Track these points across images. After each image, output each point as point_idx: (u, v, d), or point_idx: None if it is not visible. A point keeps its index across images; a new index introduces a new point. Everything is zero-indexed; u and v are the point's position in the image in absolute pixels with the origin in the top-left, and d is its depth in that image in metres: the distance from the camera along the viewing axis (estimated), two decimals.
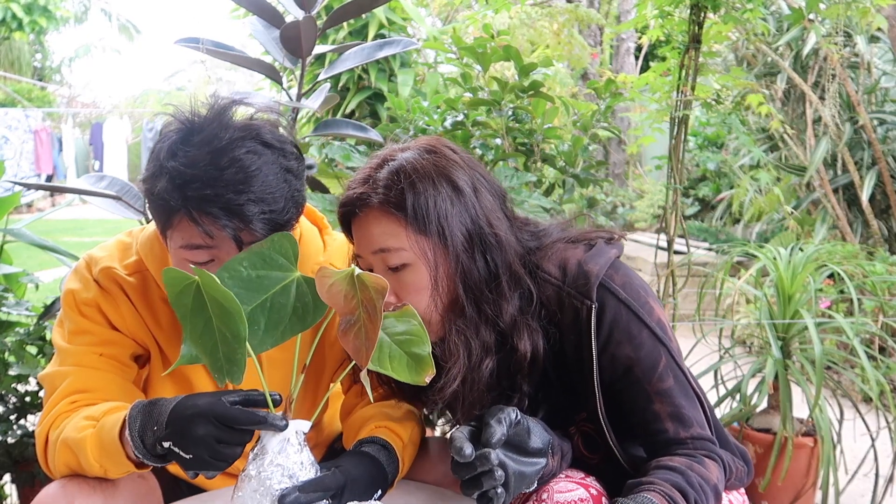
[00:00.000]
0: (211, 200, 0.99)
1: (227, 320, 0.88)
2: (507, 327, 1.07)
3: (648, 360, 1.07)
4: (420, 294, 1.05)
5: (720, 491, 1.07)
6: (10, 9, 16.20)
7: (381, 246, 1.05)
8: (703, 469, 1.06)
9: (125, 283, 1.20)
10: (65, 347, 1.19)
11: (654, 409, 1.08)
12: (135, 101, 19.08)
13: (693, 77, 2.63)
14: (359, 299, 0.90)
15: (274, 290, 0.95)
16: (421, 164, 1.06)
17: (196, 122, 1.04)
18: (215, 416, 0.94)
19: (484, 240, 1.06)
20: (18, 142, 13.84)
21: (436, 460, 1.27)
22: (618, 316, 1.07)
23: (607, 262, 1.09)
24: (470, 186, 1.07)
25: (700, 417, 1.11)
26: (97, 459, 1.07)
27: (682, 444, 1.09)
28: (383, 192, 1.04)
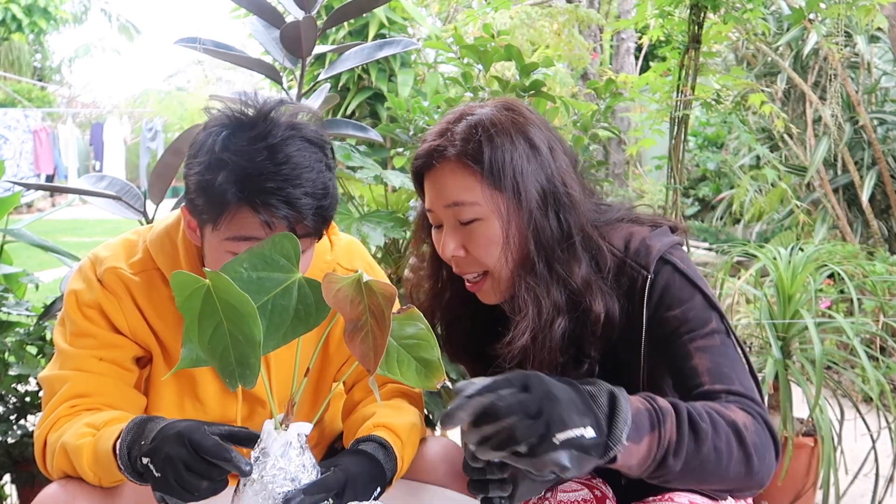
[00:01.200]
0: (272, 192, 1.02)
1: (240, 323, 0.86)
2: (579, 288, 1.05)
3: (696, 320, 1.03)
4: (490, 249, 1.05)
5: (745, 435, 0.92)
6: (9, 10, 16.20)
7: (455, 199, 1.05)
8: (722, 408, 0.95)
9: (131, 282, 1.19)
10: (65, 350, 1.18)
11: (694, 363, 1.01)
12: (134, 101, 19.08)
13: (693, 77, 2.63)
14: (365, 304, 0.89)
15: (275, 291, 0.94)
16: (499, 120, 1.06)
17: (245, 119, 1.07)
18: (190, 440, 0.94)
19: (558, 199, 1.06)
20: (18, 142, 13.83)
21: (436, 460, 1.27)
22: (671, 281, 1.05)
23: (671, 242, 1.09)
24: (546, 145, 1.07)
25: (746, 381, 1.01)
26: (91, 468, 1.07)
27: (716, 396, 0.98)
28: (461, 145, 1.05)
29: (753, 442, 0.92)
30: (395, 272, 2.41)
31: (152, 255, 1.21)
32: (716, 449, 0.90)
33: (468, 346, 1.22)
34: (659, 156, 6.26)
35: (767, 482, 0.95)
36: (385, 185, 2.33)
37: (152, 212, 1.97)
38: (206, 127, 1.09)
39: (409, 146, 2.45)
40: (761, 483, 0.95)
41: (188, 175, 1.09)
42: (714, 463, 0.91)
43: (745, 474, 0.93)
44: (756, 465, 0.92)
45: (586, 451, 0.82)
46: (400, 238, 2.34)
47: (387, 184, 2.29)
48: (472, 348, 1.22)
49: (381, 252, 2.40)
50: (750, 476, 0.93)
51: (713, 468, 0.91)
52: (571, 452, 0.80)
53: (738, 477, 0.93)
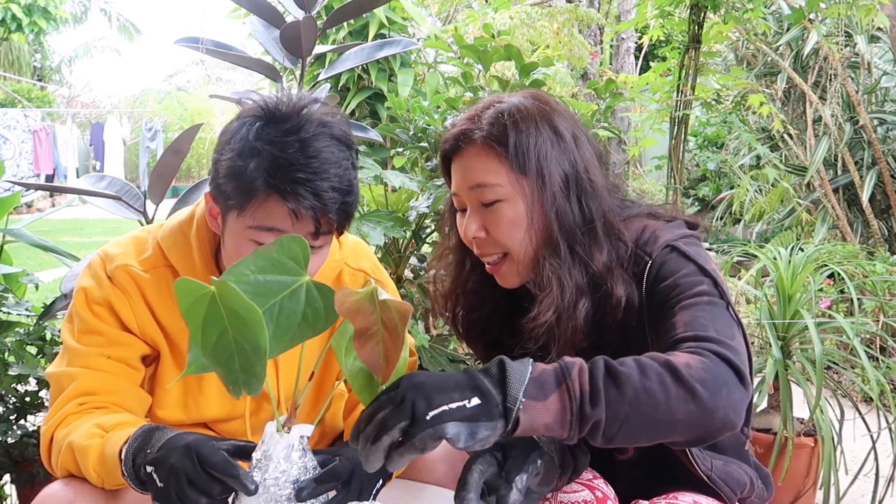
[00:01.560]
0: (302, 183, 1.05)
1: (245, 332, 0.85)
2: (600, 272, 1.07)
3: (686, 284, 1.02)
4: (511, 230, 1.08)
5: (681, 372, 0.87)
6: (9, 10, 16.20)
7: (479, 181, 1.08)
8: (658, 354, 0.91)
9: (141, 279, 1.20)
10: (74, 347, 1.19)
11: (674, 321, 0.99)
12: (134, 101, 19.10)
13: (693, 77, 2.64)
14: (378, 315, 0.87)
15: (282, 294, 0.92)
16: (525, 107, 1.10)
17: (279, 112, 1.09)
18: (198, 453, 0.95)
19: (580, 184, 1.09)
20: (17, 142, 13.83)
21: (436, 460, 1.27)
22: (667, 258, 1.06)
23: (682, 234, 1.10)
24: (570, 133, 1.10)
25: (725, 329, 0.95)
26: (96, 470, 1.07)
27: (679, 346, 0.94)
28: (487, 129, 1.08)
29: (699, 378, 0.86)
30: (395, 272, 2.41)
31: (164, 251, 1.22)
32: (645, 389, 0.86)
33: (487, 333, 1.23)
34: (659, 156, 6.26)
35: (736, 419, 0.88)
36: (385, 184, 2.33)
37: (152, 212, 1.98)
38: (240, 116, 1.11)
39: (409, 146, 2.45)
40: (727, 419, 0.87)
41: (218, 160, 1.11)
42: (648, 405, 0.85)
43: (697, 411, 0.86)
44: (707, 400, 0.86)
45: (475, 419, 0.84)
46: (400, 238, 2.34)
47: (387, 184, 2.29)
48: (492, 336, 1.23)
49: (381, 252, 2.40)
50: (704, 413, 0.86)
51: (650, 411, 0.86)
52: (458, 424, 0.83)
53: (690, 417, 0.86)
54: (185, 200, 1.90)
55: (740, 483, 1.13)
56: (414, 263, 2.51)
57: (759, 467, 1.23)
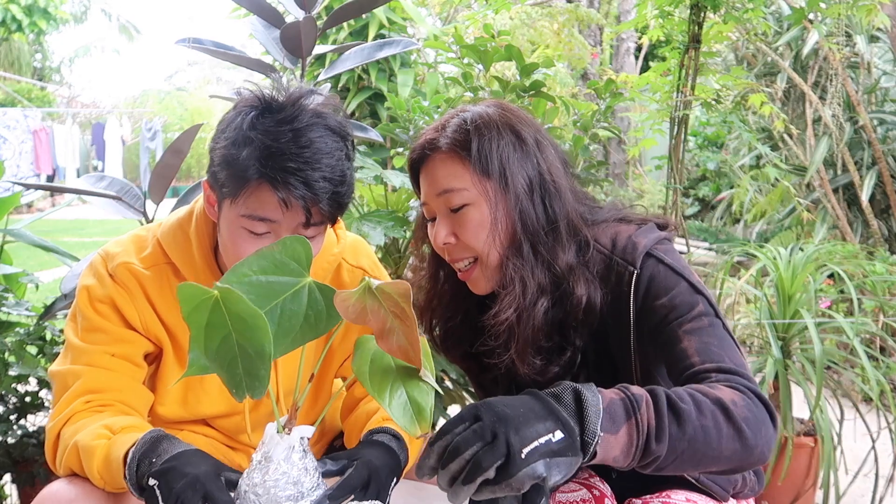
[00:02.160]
0: (293, 172, 1.06)
1: (250, 336, 0.84)
2: (562, 272, 1.10)
3: (683, 305, 1.05)
4: (479, 232, 1.10)
5: (733, 411, 0.91)
6: (9, 10, 16.20)
7: (445, 187, 1.11)
8: (706, 388, 0.93)
9: (142, 276, 1.21)
10: (77, 345, 1.19)
11: (682, 346, 1.02)
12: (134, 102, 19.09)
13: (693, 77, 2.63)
14: (385, 309, 0.87)
15: (285, 295, 0.92)
16: (488, 115, 1.13)
17: (274, 103, 1.10)
18: (205, 491, 0.95)
19: (544, 186, 1.12)
20: (17, 142, 13.83)
21: None
22: (656, 272, 1.08)
23: (656, 238, 1.12)
24: (533, 139, 1.13)
25: (736, 357, 1.00)
26: (100, 471, 1.08)
27: (705, 375, 0.98)
28: (451, 136, 1.12)
29: (744, 416, 0.91)
30: (395, 272, 2.41)
31: (164, 248, 1.22)
32: (702, 428, 0.89)
33: (461, 345, 1.25)
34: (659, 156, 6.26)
35: (769, 455, 0.94)
36: (385, 184, 2.33)
37: (152, 212, 1.98)
38: (236, 106, 1.12)
39: (408, 146, 2.45)
40: (762, 456, 0.93)
41: (214, 149, 1.12)
42: (703, 442, 0.89)
43: (742, 449, 0.91)
44: (751, 438, 0.90)
45: (561, 454, 0.82)
46: (400, 237, 2.34)
47: (387, 183, 2.29)
48: (465, 348, 1.24)
49: (381, 252, 2.40)
50: (747, 450, 0.91)
51: (703, 448, 0.89)
52: (546, 460, 0.81)
53: (734, 454, 0.91)
54: (185, 200, 1.91)
55: (731, 481, 1.15)
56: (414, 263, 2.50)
57: None
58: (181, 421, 1.28)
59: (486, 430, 0.81)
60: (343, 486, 1.00)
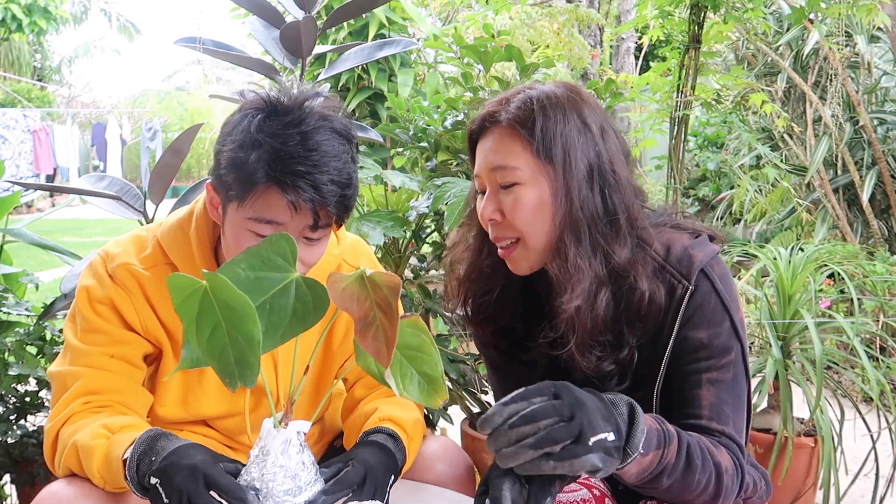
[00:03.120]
0: (301, 176, 1.06)
1: (238, 324, 0.86)
2: (622, 265, 1.07)
3: (719, 349, 1.06)
4: (526, 214, 1.07)
5: (724, 477, 1.02)
6: (9, 10, 16.20)
7: (499, 163, 1.08)
8: (713, 448, 1.03)
9: (142, 277, 1.21)
10: (76, 346, 1.19)
11: (700, 394, 1.06)
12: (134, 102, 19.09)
13: (693, 77, 2.64)
14: (372, 300, 0.89)
15: (273, 291, 0.94)
16: (555, 95, 1.10)
17: (280, 105, 1.10)
18: (205, 475, 0.96)
19: (604, 176, 1.08)
20: (17, 142, 13.83)
21: (435, 459, 1.27)
22: (707, 301, 1.07)
23: (712, 253, 1.11)
24: (598, 126, 1.10)
25: (740, 423, 1.08)
26: (100, 471, 1.08)
27: (710, 434, 1.05)
28: (514, 112, 1.08)
29: (727, 485, 1.03)
30: (395, 272, 2.41)
31: (164, 248, 1.22)
32: (697, 482, 1.00)
33: (497, 317, 1.22)
34: (659, 156, 6.26)
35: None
36: (385, 184, 2.33)
37: (152, 212, 1.97)
38: (242, 108, 1.12)
39: (409, 146, 2.45)
40: None
41: (220, 151, 1.11)
42: (691, 491, 1.01)
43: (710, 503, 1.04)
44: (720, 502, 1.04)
45: (611, 454, 0.88)
46: (400, 237, 2.34)
47: (387, 183, 2.29)
48: (502, 322, 1.22)
49: (381, 252, 2.40)
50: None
51: (688, 495, 1.02)
52: (602, 454, 0.87)
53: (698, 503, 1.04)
54: (185, 200, 1.91)
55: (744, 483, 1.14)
56: (414, 263, 2.51)
57: (756, 466, 1.24)
58: (181, 422, 1.28)
59: (566, 407, 0.87)
60: (339, 481, 1.00)
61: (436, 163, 2.40)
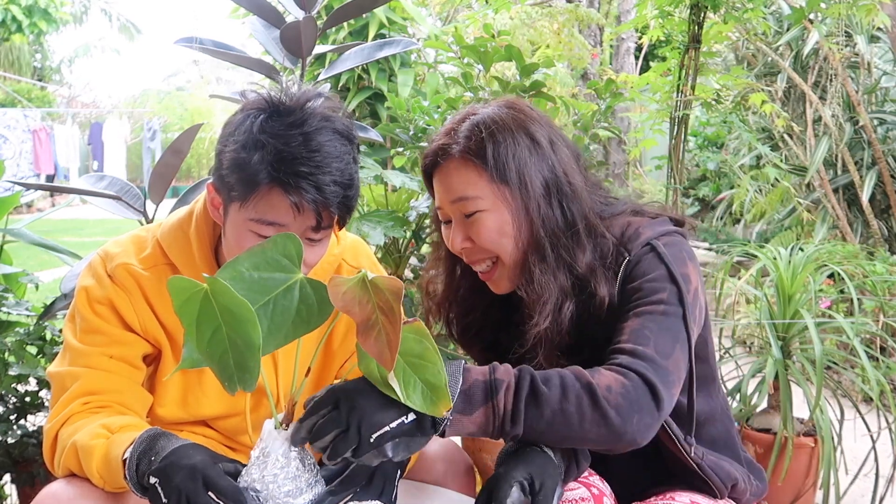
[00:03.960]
0: (304, 177, 1.06)
1: (238, 328, 0.86)
2: (584, 273, 1.09)
3: (649, 290, 1.06)
4: (494, 237, 1.10)
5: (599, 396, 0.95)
6: (9, 11, 16.20)
7: (459, 195, 1.11)
8: (584, 372, 0.98)
9: (141, 277, 1.21)
10: (76, 346, 1.19)
11: (625, 326, 1.04)
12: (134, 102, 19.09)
13: (693, 77, 2.64)
14: (374, 303, 0.88)
15: (277, 291, 0.93)
16: (500, 117, 1.11)
17: (282, 106, 1.10)
18: (204, 476, 0.95)
19: (561, 189, 1.10)
20: (17, 142, 13.83)
21: (434, 459, 1.27)
22: (643, 258, 1.09)
23: (664, 231, 1.12)
24: (547, 140, 1.12)
25: (664, 346, 1.01)
26: (99, 471, 1.08)
27: (614, 357, 1.01)
28: (464, 143, 1.10)
29: (615, 403, 0.95)
30: (395, 272, 2.41)
31: (164, 248, 1.22)
32: (562, 412, 0.94)
33: (483, 335, 1.26)
34: (659, 156, 6.26)
35: (642, 440, 0.98)
36: (385, 184, 2.33)
37: (152, 212, 1.97)
38: (244, 109, 1.12)
39: (409, 146, 2.45)
40: (633, 441, 0.97)
41: (222, 152, 1.11)
42: (563, 425, 0.95)
43: (607, 433, 0.96)
44: (618, 424, 0.95)
45: (411, 434, 0.92)
46: (400, 237, 2.34)
47: (387, 183, 2.29)
48: (487, 337, 1.26)
49: (381, 252, 2.40)
50: (613, 435, 0.96)
51: (564, 430, 0.95)
52: (395, 441, 0.91)
53: (599, 437, 0.96)
54: (185, 200, 1.90)
55: (731, 476, 1.15)
56: (414, 263, 2.51)
57: (750, 463, 1.24)
58: (181, 422, 1.28)
59: (342, 419, 0.91)
60: (345, 481, 1.01)
61: None
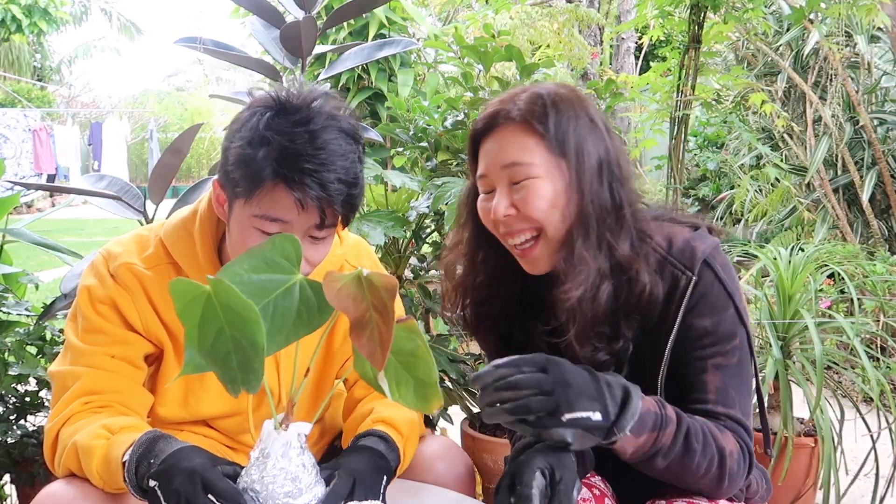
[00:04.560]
0: (309, 173, 1.06)
1: (243, 329, 0.85)
2: (626, 258, 1.08)
3: (723, 335, 1.08)
4: (542, 206, 1.07)
5: (727, 461, 1.04)
6: (9, 11, 16.20)
7: (514, 159, 1.08)
8: (717, 433, 1.05)
9: (144, 277, 1.21)
10: (77, 346, 1.19)
11: (705, 378, 1.08)
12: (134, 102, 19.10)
13: (693, 77, 2.64)
14: (368, 300, 0.88)
15: (276, 293, 0.93)
16: (562, 93, 1.11)
17: (289, 104, 1.10)
18: (203, 479, 0.96)
19: (612, 171, 1.10)
20: (18, 141, 13.84)
21: (434, 459, 1.27)
22: (710, 289, 1.09)
23: (713, 244, 1.12)
24: (603, 124, 1.12)
25: (747, 407, 1.09)
26: (99, 472, 1.08)
27: (715, 418, 1.07)
28: (526, 108, 1.09)
29: (731, 468, 1.05)
30: (395, 272, 2.41)
31: (168, 248, 1.22)
32: (698, 465, 1.03)
33: (497, 327, 1.23)
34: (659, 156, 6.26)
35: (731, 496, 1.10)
36: (385, 184, 2.33)
37: (152, 212, 1.97)
38: (251, 106, 1.12)
39: (409, 146, 2.45)
40: (726, 496, 1.09)
41: (228, 148, 1.11)
42: (692, 474, 1.04)
43: (714, 489, 1.06)
44: (726, 485, 1.06)
45: (590, 431, 0.96)
46: (400, 237, 2.34)
47: (387, 183, 2.29)
48: (502, 330, 1.23)
49: (381, 252, 2.40)
50: (717, 491, 1.07)
51: (689, 477, 1.04)
52: (576, 430, 0.94)
53: (706, 489, 1.07)
54: (185, 200, 1.90)
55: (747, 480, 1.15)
56: (414, 263, 2.51)
57: (756, 466, 1.24)
58: (182, 422, 1.28)
59: (548, 382, 0.94)
60: (331, 495, 1.00)
61: (436, 163, 2.40)
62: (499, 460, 2.14)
